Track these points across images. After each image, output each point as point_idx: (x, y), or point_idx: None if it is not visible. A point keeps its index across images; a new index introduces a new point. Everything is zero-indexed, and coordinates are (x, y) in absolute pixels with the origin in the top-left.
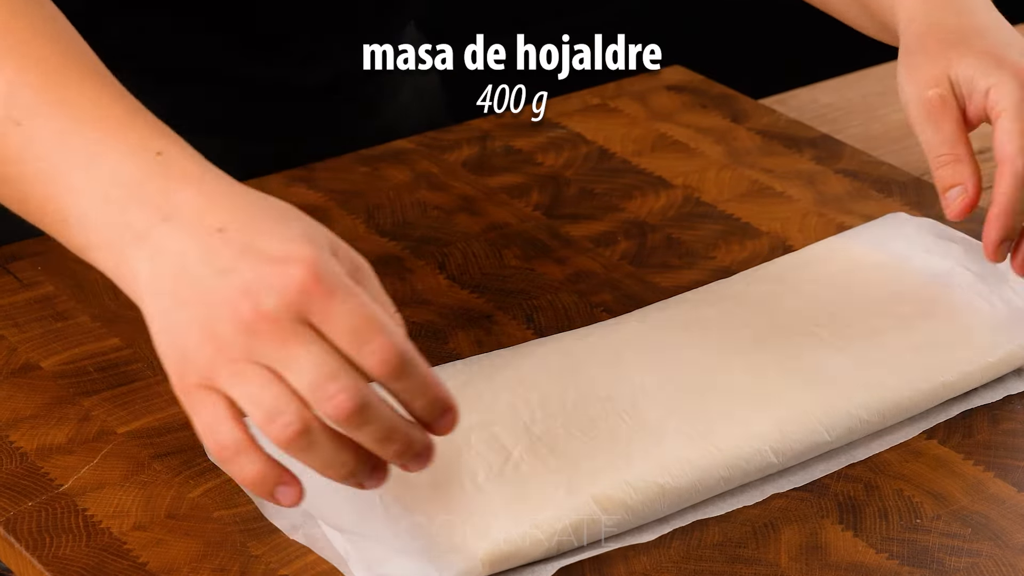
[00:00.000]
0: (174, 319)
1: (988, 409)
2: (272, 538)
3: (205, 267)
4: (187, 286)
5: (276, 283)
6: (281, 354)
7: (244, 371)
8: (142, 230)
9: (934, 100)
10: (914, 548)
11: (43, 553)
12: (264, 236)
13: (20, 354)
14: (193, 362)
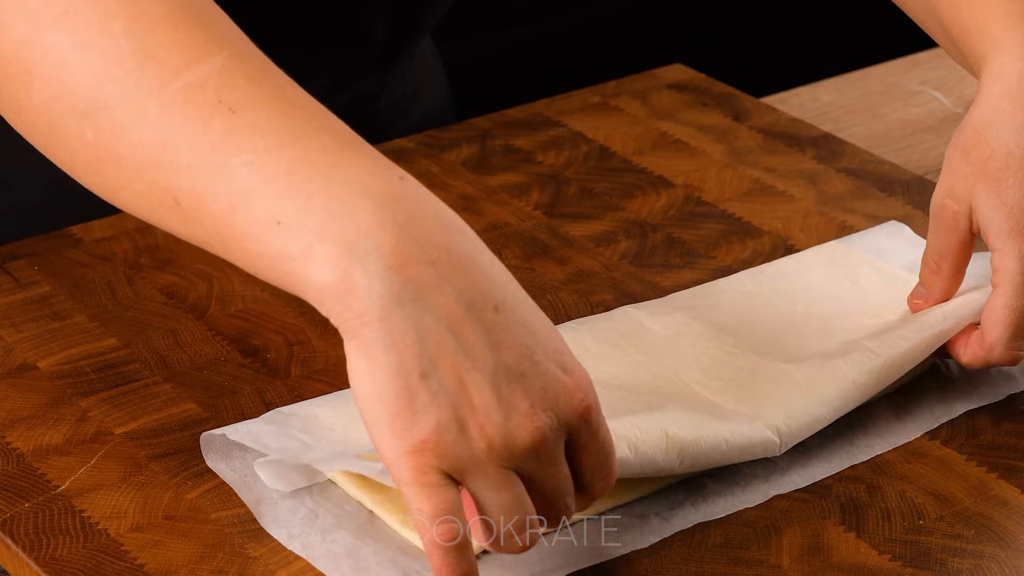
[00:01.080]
0: (426, 388)
1: (991, 410)
2: (270, 540)
3: (487, 354)
4: (454, 363)
5: (565, 403)
6: (541, 473)
7: (507, 481)
8: (395, 263)
9: (947, 212)
10: (917, 549)
11: (40, 555)
12: (538, 334)
13: (17, 354)
14: (447, 448)
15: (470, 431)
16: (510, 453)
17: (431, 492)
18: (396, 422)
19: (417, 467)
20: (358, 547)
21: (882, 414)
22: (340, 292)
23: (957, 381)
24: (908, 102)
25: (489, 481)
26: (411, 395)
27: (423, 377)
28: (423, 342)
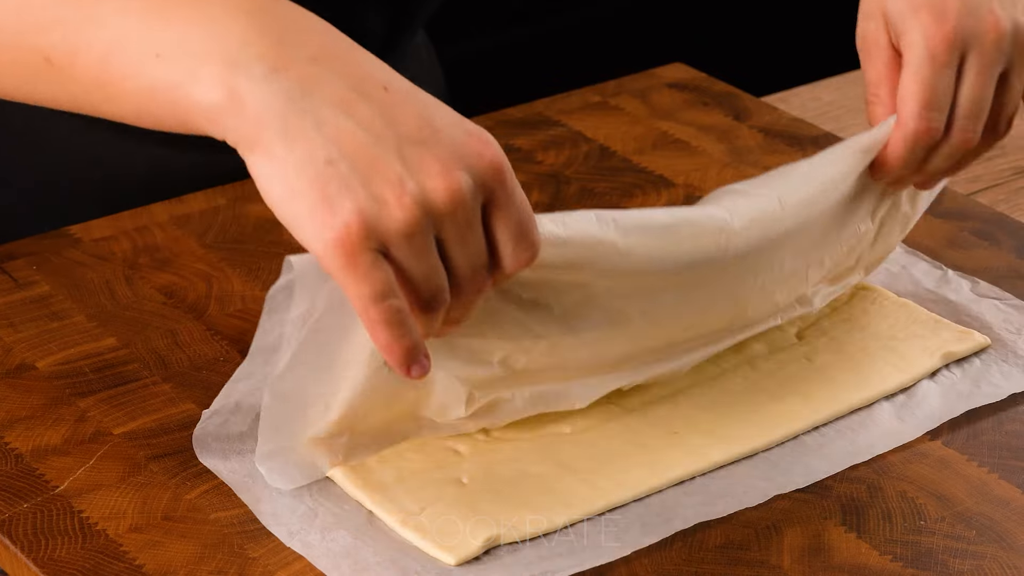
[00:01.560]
0: (335, 172)
1: (993, 410)
2: (270, 540)
3: (386, 129)
4: (357, 144)
5: (474, 162)
6: (460, 236)
7: (429, 247)
8: (280, 64)
9: (867, 35)
10: (918, 550)
11: (38, 555)
12: (433, 106)
13: (15, 354)
14: (371, 227)
15: (389, 204)
16: (427, 217)
17: (366, 274)
18: (316, 214)
19: (347, 253)
20: (358, 546)
21: (883, 414)
22: (231, 106)
23: (958, 382)
24: None
25: (414, 249)
26: (323, 183)
27: (330, 163)
28: (322, 130)
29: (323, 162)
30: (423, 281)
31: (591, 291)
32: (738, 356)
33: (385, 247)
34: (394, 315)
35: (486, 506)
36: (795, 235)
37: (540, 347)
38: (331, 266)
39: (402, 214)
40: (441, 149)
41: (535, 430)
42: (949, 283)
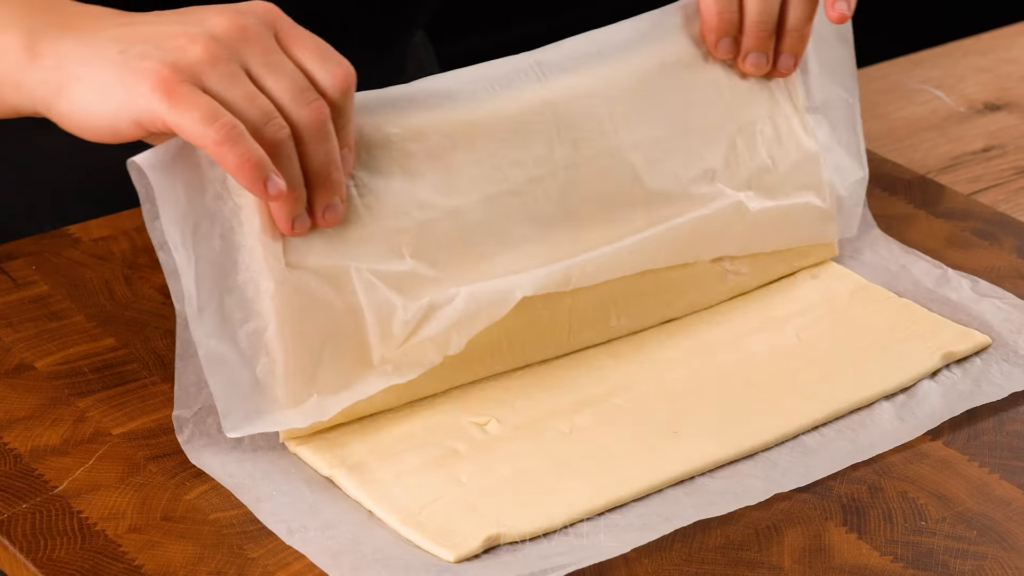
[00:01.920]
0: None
1: (994, 411)
2: (269, 541)
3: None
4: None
5: (250, 10)
6: (264, 60)
7: (236, 74)
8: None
9: None
10: (919, 551)
11: (37, 556)
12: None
13: (14, 354)
14: (174, 64)
15: (184, 47)
16: (222, 44)
17: (189, 103)
18: (128, 85)
19: (165, 92)
20: (358, 543)
21: (884, 414)
22: (30, 61)
23: (959, 381)
24: (910, 101)
25: (224, 78)
26: (123, 64)
27: (122, 52)
28: (107, 34)
29: (116, 53)
30: (247, 104)
31: (453, 152)
32: (737, 355)
33: (197, 81)
34: (231, 130)
35: (486, 505)
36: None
37: (440, 225)
38: (159, 115)
39: (198, 46)
40: (215, 7)
41: (534, 429)
42: (949, 282)
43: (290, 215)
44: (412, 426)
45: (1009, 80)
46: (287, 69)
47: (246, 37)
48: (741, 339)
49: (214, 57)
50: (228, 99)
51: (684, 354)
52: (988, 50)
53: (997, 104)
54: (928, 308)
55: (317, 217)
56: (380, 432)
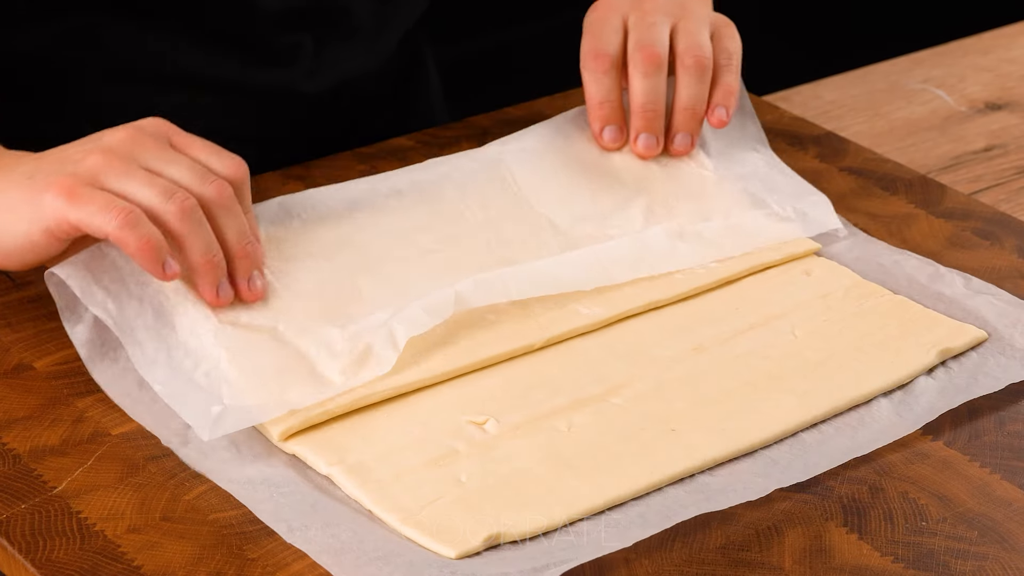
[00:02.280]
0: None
1: (994, 411)
2: (268, 541)
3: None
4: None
5: (144, 125)
6: (160, 156)
7: (133, 171)
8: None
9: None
10: (920, 551)
11: (36, 556)
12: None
13: (13, 354)
14: (72, 175)
15: (78, 160)
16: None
17: (87, 199)
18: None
19: (64, 195)
20: (359, 541)
21: (882, 410)
22: None
23: (956, 375)
24: (911, 100)
25: (121, 175)
26: (30, 187)
27: (29, 178)
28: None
29: (25, 179)
30: (147, 187)
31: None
32: (734, 353)
33: (96, 183)
34: (128, 215)
35: (485, 504)
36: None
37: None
38: (60, 216)
39: (95, 156)
40: (111, 130)
41: (533, 428)
42: (942, 278)
43: (212, 284)
44: (411, 426)
45: (1010, 79)
46: (183, 162)
47: (141, 142)
48: (738, 337)
49: (110, 161)
50: (127, 190)
51: (682, 352)
52: (989, 49)
53: (998, 103)
54: (923, 304)
55: (242, 291)
56: (378, 432)
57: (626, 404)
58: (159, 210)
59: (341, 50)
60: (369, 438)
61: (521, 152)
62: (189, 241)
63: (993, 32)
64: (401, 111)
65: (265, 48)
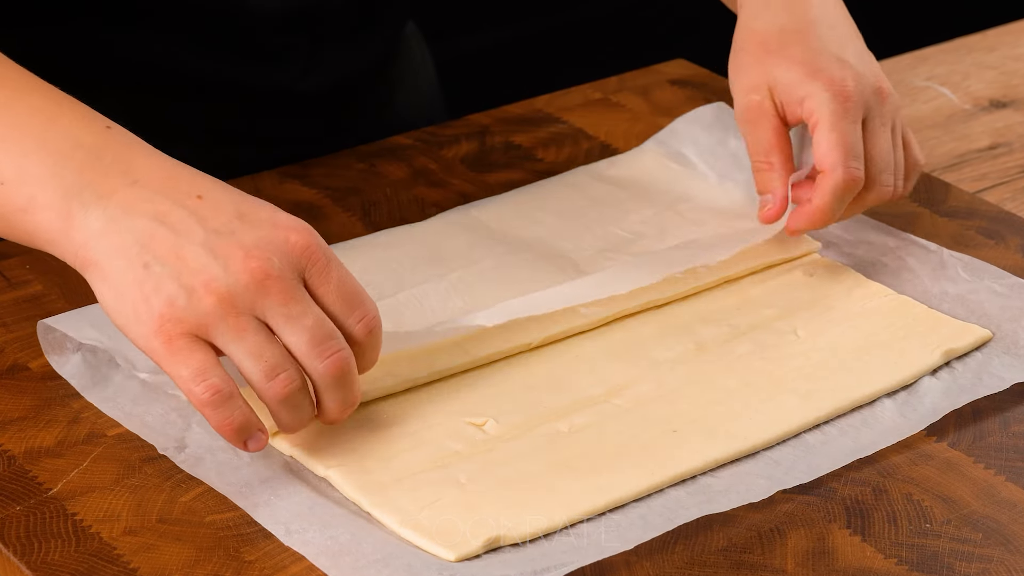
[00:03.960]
0: (150, 274)
1: (999, 412)
2: (266, 543)
3: (196, 227)
4: (169, 245)
5: (282, 245)
6: (283, 311)
7: (247, 326)
8: (105, 191)
9: (752, 106)
10: (924, 554)
11: (31, 559)
12: (248, 204)
13: (8, 355)
14: (182, 313)
15: (197, 292)
16: (237, 297)
17: (184, 357)
18: (138, 312)
19: (164, 340)
20: (357, 543)
21: (885, 411)
22: (64, 230)
23: (960, 376)
24: (915, 98)
25: (230, 332)
26: (140, 285)
27: (146, 267)
28: (139, 242)
29: (140, 267)
30: (252, 360)
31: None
32: (736, 354)
33: (202, 332)
34: (215, 394)
35: (485, 506)
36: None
37: None
38: (154, 356)
39: (211, 299)
40: (247, 237)
41: (533, 430)
42: (946, 270)
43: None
44: (409, 427)
45: (1015, 77)
46: (306, 322)
47: (266, 288)
48: (740, 337)
49: (225, 312)
50: (231, 353)
51: (683, 353)
52: (994, 47)
53: (1003, 101)
54: (927, 302)
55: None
56: (377, 433)
57: (627, 405)
58: (259, 387)
59: (337, 50)
60: (367, 439)
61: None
62: (280, 419)
63: (998, 29)
64: (400, 110)
65: (260, 49)
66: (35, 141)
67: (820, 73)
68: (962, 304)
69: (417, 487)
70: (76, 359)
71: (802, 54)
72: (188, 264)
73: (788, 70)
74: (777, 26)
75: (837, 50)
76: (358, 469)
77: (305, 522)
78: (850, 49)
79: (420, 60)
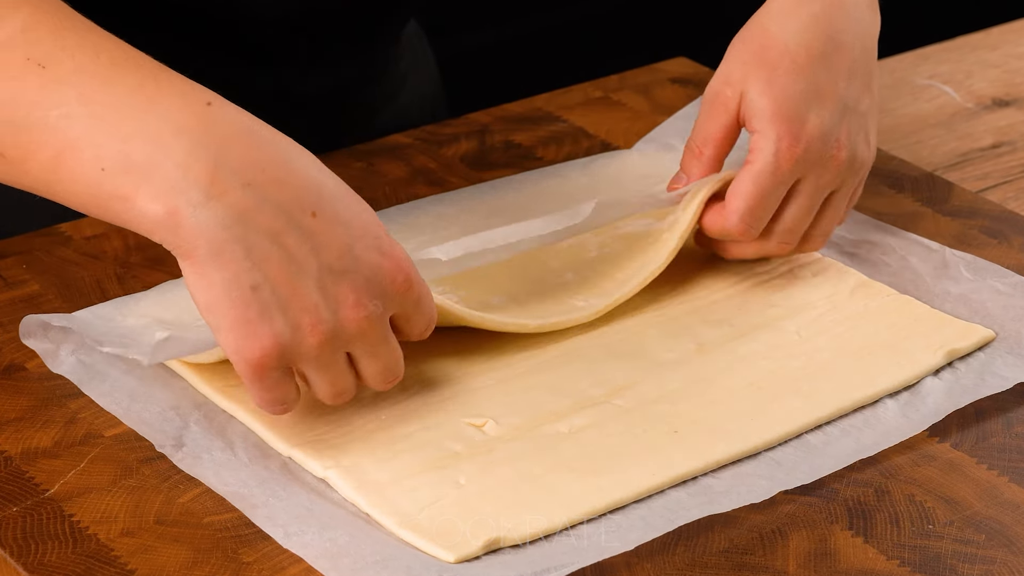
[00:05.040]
0: (257, 297)
1: (1002, 412)
2: (264, 544)
3: (310, 258)
4: (283, 274)
5: (388, 287)
6: (366, 348)
7: (332, 368)
8: (215, 192)
9: (719, 96)
10: (926, 555)
11: (28, 560)
12: (358, 227)
13: (5, 355)
14: (283, 350)
15: (303, 331)
16: (341, 343)
17: (272, 387)
18: (237, 331)
19: (259, 370)
20: (356, 545)
21: (888, 412)
22: (170, 225)
23: (963, 376)
24: (917, 97)
25: (320, 366)
26: (246, 306)
27: (255, 289)
28: (250, 257)
29: (248, 287)
30: (329, 388)
31: None
32: (738, 354)
33: (295, 363)
34: (281, 411)
35: (485, 507)
36: None
37: None
38: (242, 374)
39: (315, 341)
40: (359, 278)
41: (533, 430)
42: (948, 269)
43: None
44: (408, 428)
45: (1018, 75)
46: (390, 355)
47: (363, 332)
48: (742, 338)
49: (321, 354)
50: (310, 375)
51: (684, 354)
52: (997, 45)
53: (1006, 100)
54: (929, 302)
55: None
56: (376, 434)
57: (628, 406)
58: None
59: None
60: (366, 440)
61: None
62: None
63: (1001, 27)
64: (402, 108)
65: (260, 50)
66: (135, 124)
67: (784, 121)
68: (965, 304)
69: (417, 488)
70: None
71: (784, 88)
72: (299, 299)
73: (761, 95)
74: (785, 41)
75: (827, 96)
76: (357, 470)
77: (304, 523)
78: (842, 99)
79: (422, 58)
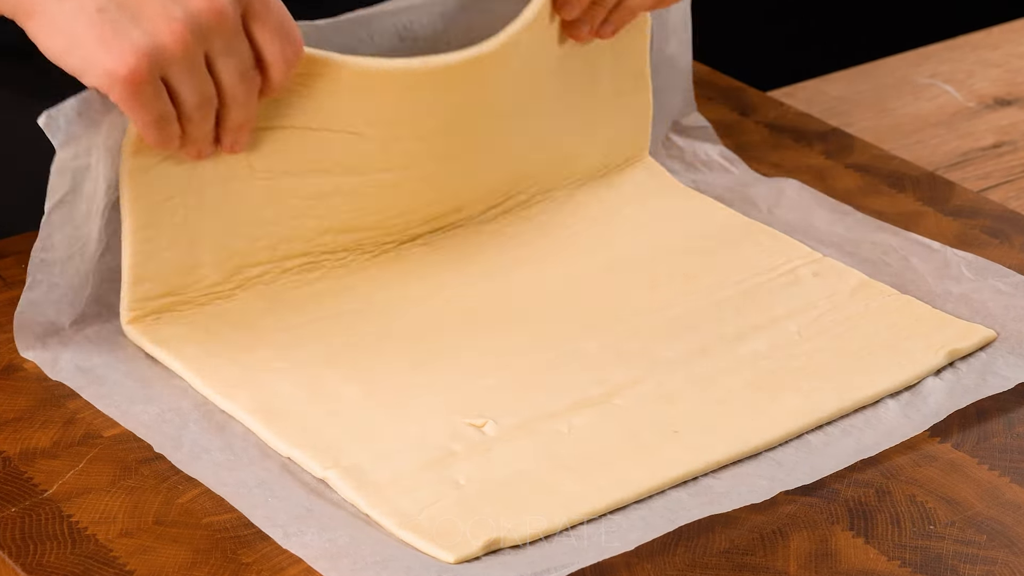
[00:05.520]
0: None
1: (1003, 413)
2: (263, 545)
3: None
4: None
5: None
6: (223, 44)
7: (197, 66)
8: None
9: None
10: (927, 556)
11: (27, 561)
12: None
13: (3, 355)
14: (150, 55)
15: (161, 34)
16: (198, 39)
17: (149, 103)
18: (97, 57)
19: (132, 86)
20: (356, 545)
21: (889, 412)
22: None
23: (964, 376)
24: (918, 96)
25: (187, 68)
26: (98, 29)
27: (101, 11)
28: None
29: (94, 10)
30: (193, 93)
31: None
32: (738, 354)
33: (163, 71)
34: (169, 138)
35: (485, 507)
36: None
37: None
38: (114, 97)
39: (173, 39)
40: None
41: (533, 430)
42: (949, 269)
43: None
44: (408, 428)
45: (1019, 75)
46: (243, 54)
47: (220, 22)
48: (742, 337)
49: (186, 47)
50: (179, 91)
51: (684, 354)
52: (998, 44)
53: (1007, 99)
54: (930, 302)
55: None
56: (375, 434)
57: (628, 405)
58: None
59: None
60: (365, 440)
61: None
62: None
63: (1002, 27)
64: None
65: None
66: None
67: None
68: (966, 304)
69: (416, 488)
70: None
71: None
72: (147, 6)
73: None
74: None
75: None
76: (355, 470)
77: (303, 524)
78: None
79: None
